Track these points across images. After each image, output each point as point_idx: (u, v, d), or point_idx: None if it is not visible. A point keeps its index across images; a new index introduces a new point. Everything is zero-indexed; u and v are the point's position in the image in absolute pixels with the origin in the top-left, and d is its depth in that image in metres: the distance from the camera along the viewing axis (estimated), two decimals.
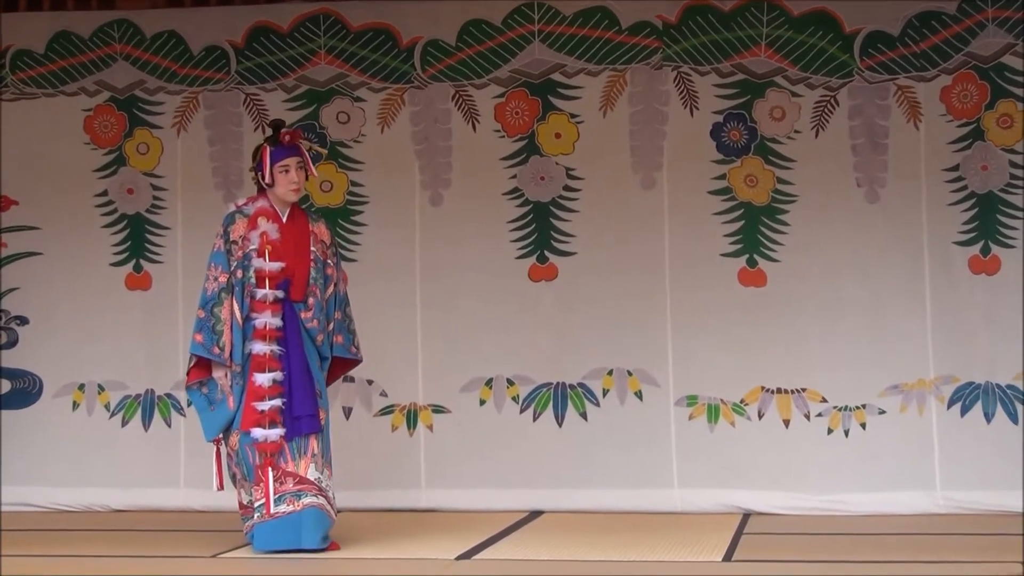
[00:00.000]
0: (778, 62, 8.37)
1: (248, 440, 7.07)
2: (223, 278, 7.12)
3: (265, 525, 7.05)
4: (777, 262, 8.38)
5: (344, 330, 7.35)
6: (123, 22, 8.83)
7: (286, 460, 7.08)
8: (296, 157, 7.23)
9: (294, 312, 7.18)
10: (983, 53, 8.23)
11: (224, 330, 7.07)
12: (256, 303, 7.12)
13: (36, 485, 8.75)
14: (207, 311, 7.11)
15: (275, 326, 7.11)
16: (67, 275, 8.91)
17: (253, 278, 7.12)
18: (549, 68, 8.55)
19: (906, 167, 8.28)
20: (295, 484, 7.07)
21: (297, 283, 7.19)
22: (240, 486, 7.20)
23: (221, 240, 7.18)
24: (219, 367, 7.12)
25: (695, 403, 8.41)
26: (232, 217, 7.23)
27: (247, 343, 7.10)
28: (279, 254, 7.16)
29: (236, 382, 7.10)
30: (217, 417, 7.14)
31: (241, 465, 7.14)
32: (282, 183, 7.21)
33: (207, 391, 7.17)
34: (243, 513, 7.24)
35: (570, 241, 8.55)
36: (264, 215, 7.21)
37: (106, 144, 8.93)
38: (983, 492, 8.10)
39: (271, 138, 7.26)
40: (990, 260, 8.23)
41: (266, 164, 7.20)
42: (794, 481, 8.25)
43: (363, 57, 8.68)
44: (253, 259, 7.13)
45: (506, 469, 8.47)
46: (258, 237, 7.15)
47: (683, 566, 6.80)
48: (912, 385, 8.26)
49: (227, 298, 7.10)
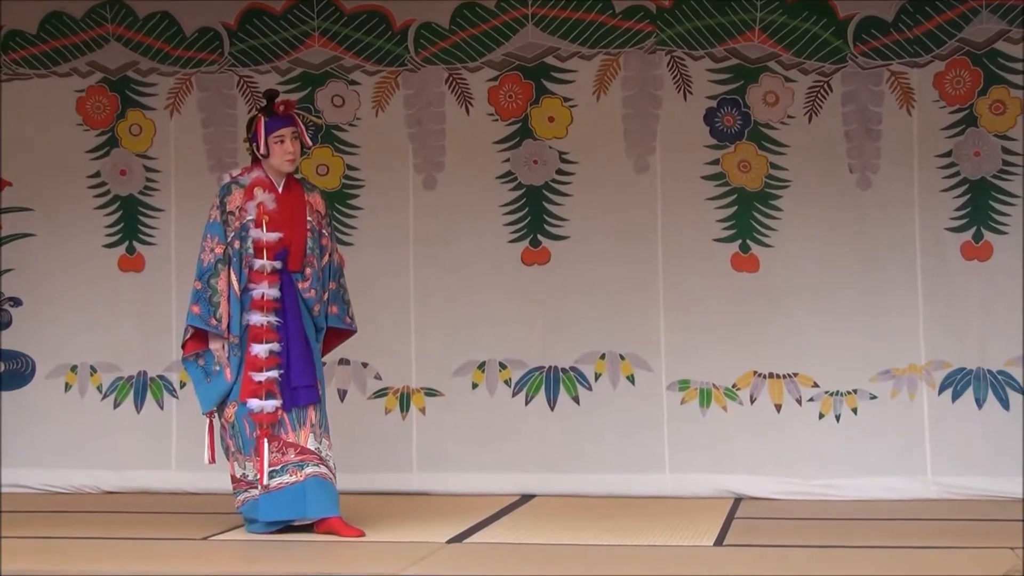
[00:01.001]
0: (772, 47, 8.37)
1: (245, 412, 7.05)
2: (219, 249, 7.08)
3: (268, 496, 7.04)
4: (770, 247, 8.39)
5: (339, 300, 7.33)
6: (115, 3, 8.82)
7: (286, 431, 7.07)
8: (291, 127, 7.17)
9: (292, 282, 7.15)
10: (976, 39, 8.23)
11: (221, 301, 7.03)
12: (254, 274, 7.08)
13: (28, 467, 8.75)
14: (204, 282, 7.07)
15: (273, 297, 7.08)
16: (60, 257, 8.90)
17: (251, 249, 7.08)
18: (543, 52, 8.55)
19: (899, 153, 8.29)
20: (296, 455, 7.06)
21: (294, 253, 7.15)
22: (234, 459, 7.18)
23: (217, 211, 7.13)
24: (216, 339, 7.08)
25: (687, 387, 8.42)
26: (228, 188, 7.18)
27: (245, 314, 7.07)
28: (276, 224, 7.11)
29: (234, 353, 7.08)
30: (213, 389, 7.12)
31: (237, 437, 7.12)
32: (277, 153, 7.16)
33: (203, 363, 7.14)
34: (235, 487, 7.22)
35: (563, 225, 8.55)
36: (260, 185, 7.16)
37: (99, 125, 8.92)
38: (974, 477, 8.12)
39: (265, 108, 7.20)
40: (982, 246, 8.24)
41: (260, 134, 7.15)
42: (786, 466, 8.27)
43: (357, 40, 8.67)
44: (251, 230, 7.09)
45: (498, 453, 8.49)
46: (255, 207, 7.11)
47: (674, 550, 6.81)
48: (904, 370, 8.28)
49: (224, 269, 7.06)
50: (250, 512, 7.17)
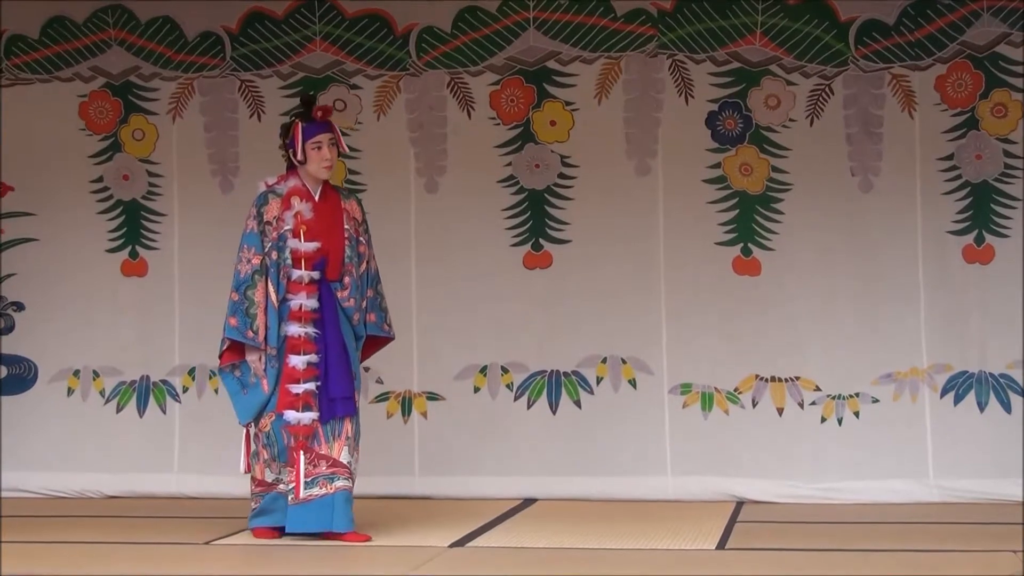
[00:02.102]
0: (773, 50, 8.37)
1: (282, 423, 6.99)
2: (256, 260, 7.01)
3: (298, 508, 6.98)
4: (771, 251, 8.39)
5: (376, 308, 7.26)
6: (117, 8, 8.82)
7: (319, 442, 7.01)
8: (328, 133, 7.08)
9: (330, 292, 7.08)
10: (978, 42, 8.23)
11: (258, 313, 6.97)
12: (292, 284, 7.01)
13: (30, 471, 8.75)
14: (240, 294, 7.01)
15: (311, 307, 7.01)
16: (63, 261, 8.91)
17: (289, 259, 7.01)
18: (544, 55, 8.55)
19: (900, 156, 8.29)
20: (328, 467, 7.01)
21: (333, 262, 7.08)
22: (266, 465, 7.09)
23: (254, 221, 7.05)
24: (253, 350, 7.01)
25: (689, 391, 8.42)
26: (264, 197, 7.09)
27: (282, 325, 7.00)
28: (314, 233, 7.03)
29: (271, 365, 7.00)
30: (251, 401, 7.06)
31: (272, 447, 7.04)
32: (314, 160, 7.06)
33: (240, 374, 7.08)
34: (260, 489, 7.13)
35: (564, 229, 8.56)
36: (297, 194, 7.08)
37: (101, 130, 8.92)
38: (976, 480, 8.11)
39: (303, 113, 7.11)
40: (984, 249, 8.24)
41: (298, 140, 7.05)
42: (788, 469, 8.27)
43: (358, 44, 8.68)
44: (288, 240, 7.01)
45: (500, 457, 8.48)
46: (292, 217, 7.03)
47: (676, 554, 6.81)
48: (905, 374, 8.27)
49: (261, 280, 6.99)
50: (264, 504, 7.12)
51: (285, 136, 7.16)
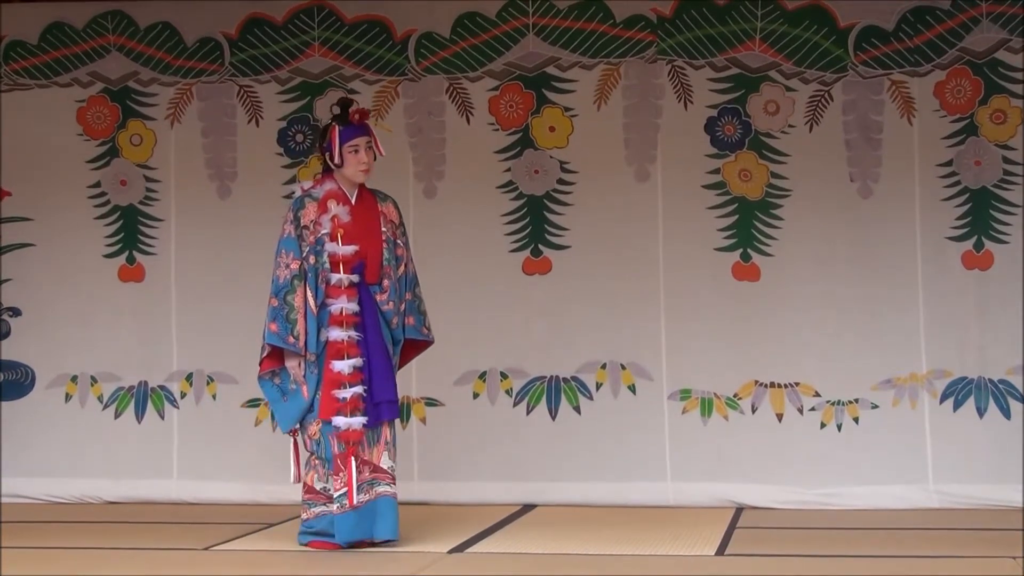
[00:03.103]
0: (772, 56, 8.37)
1: (330, 429, 6.89)
2: (295, 264, 6.93)
3: (348, 516, 6.89)
4: (771, 256, 8.39)
5: (415, 311, 7.18)
6: (116, 13, 8.82)
7: (364, 448, 6.95)
8: (365, 137, 7.01)
9: (369, 296, 7.01)
10: (977, 48, 8.23)
11: (298, 318, 6.88)
12: (331, 288, 6.93)
13: (28, 476, 8.74)
14: (280, 299, 6.91)
15: (352, 311, 6.93)
16: (60, 266, 8.90)
17: (327, 263, 6.94)
18: (543, 61, 8.55)
19: (900, 162, 8.29)
20: (371, 473, 6.95)
21: (371, 266, 7.01)
22: (314, 471, 7.00)
23: (291, 226, 6.97)
24: (292, 356, 6.92)
25: (688, 397, 8.41)
26: (301, 201, 7.01)
27: (322, 330, 6.92)
28: (351, 237, 6.96)
29: (311, 371, 6.92)
30: (291, 408, 6.97)
31: (321, 454, 6.95)
32: (351, 163, 6.99)
33: (279, 381, 6.99)
34: (310, 498, 7.02)
35: (564, 235, 8.55)
36: (334, 198, 7.01)
37: (99, 135, 8.92)
38: (975, 486, 8.12)
39: (340, 117, 7.04)
40: (983, 255, 8.24)
41: (335, 144, 6.97)
42: (787, 475, 8.27)
43: (357, 49, 8.68)
44: (326, 243, 6.94)
45: (499, 462, 8.48)
46: (329, 221, 6.96)
47: (676, 560, 6.81)
48: (905, 379, 8.28)
49: (300, 285, 6.91)
50: (321, 526, 7.00)
51: (322, 140, 7.09)
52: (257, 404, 8.70)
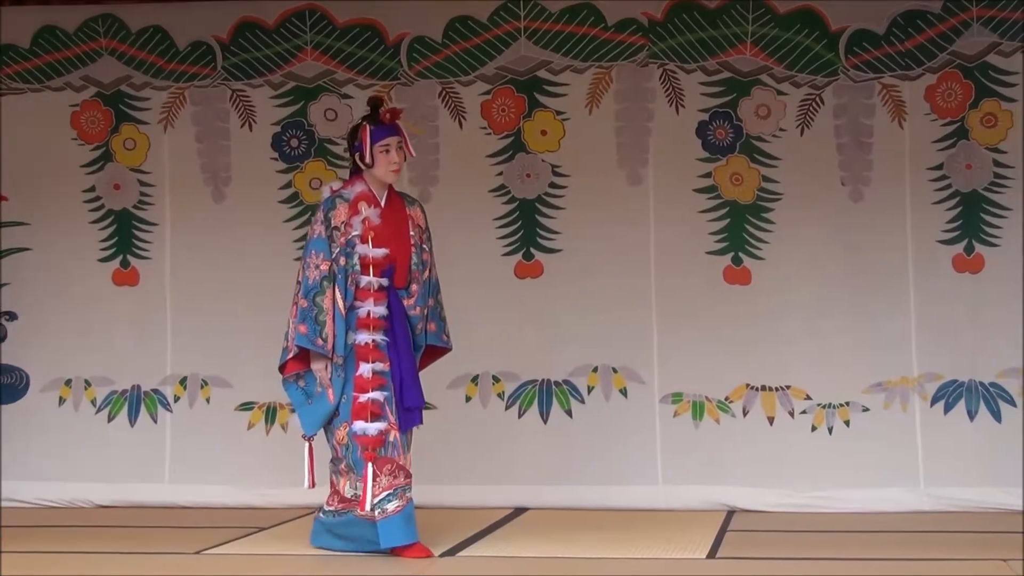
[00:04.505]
0: (763, 60, 8.38)
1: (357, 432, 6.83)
2: (325, 266, 6.80)
3: (387, 522, 6.79)
4: (762, 260, 8.40)
5: (436, 317, 7.09)
6: (108, 17, 8.83)
7: (399, 453, 6.83)
8: (396, 136, 6.92)
9: (397, 300, 6.92)
10: (968, 52, 8.25)
11: (327, 320, 6.75)
12: (360, 291, 6.82)
13: (21, 480, 8.74)
14: (309, 300, 6.77)
15: (380, 315, 6.83)
16: (55, 271, 8.90)
17: (357, 265, 6.83)
18: (535, 65, 8.56)
19: (890, 166, 8.30)
20: (405, 478, 6.85)
21: (399, 270, 6.91)
22: (347, 478, 6.90)
23: (321, 226, 6.85)
24: (319, 359, 6.81)
25: (680, 400, 8.42)
26: (332, 202, 6.89)
27: (350, 333, 6.81)
28: (381, 240, 6.86)
29: (337, 374, 6.81)
30: (316, 411, 6.86)
31: (350, 458, 6.85)
32: (382, 163, 6.90)
33: (304, 384, 6.88)
34: (339, 506, 6.92)
35: (556, 238, 8.56)
36: (364, 199, 6.90)
37: (93, 140, 8.92)
38: (966, 489, 8.13)
39: (370, 116, 6.94)
40: (974, 259, 8.25)
41: (366, 144, 6.88)
42: (778, 478, 8.27)
43: (350, 54, 8.69)
44: (357, 245, 6.83)
45: (491, 466, 8.48)
46: (360, 223, 6.86)
47: (667, 563, 6.82)
48: (896, 383, 8.28)
49: (329, 287, 6.78)
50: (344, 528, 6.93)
51: (352, 139, 7.01)
52: (250, 408, 8.71)
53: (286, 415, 8.65)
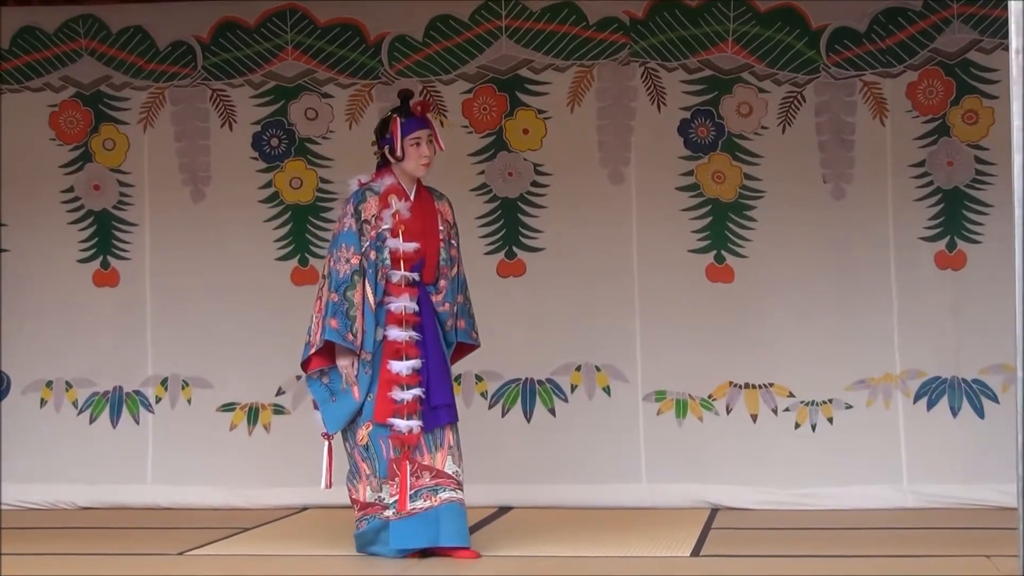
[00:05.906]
0: (745, 58, 8.39)
1: (383, 432, 6.64)
2: (355, 260, 6.64)
3: (402, 523, 6.65)
4: (744, 258, 8.41)
5: (466, 314, 6.98)
6: (88, 17, 8.80)
7: (421, 453, 6.67)
8: (427, 129, 6.77)
9: (426, 296, 6.79)
10: (949, 49, 8.26)
11: (357, 315, 6.58)
12: (391, 286, 6.67)
13: (3, 482, 8.70)
14: (340, 294, 6.60)
15: (412, 310, 6.67)
16: (34, 272, 8.87)
17: (387, 259, 6.69)
18: (516, 64, 8.56)
19: (872, 163, 8.31)
20: (432, 478, 6.69)
21: (429, 265, 6.78)
22: (367, 482, 6.75)
23: (351, 219, 6.68)
24: (345, 355, 6.64)
25: (663, 398, 8.43)
26: (362, 194, 6.73)
27: (379, 328, 6.65)
28: (411, 234, 6.71)
29: (364, 371, 6.65)
30: (341, 409, 6.69)
31: (373, 460, 6.70)
32: (413, 156, 6.75)
33: (328, 381, 6.70)
34: (364, 512, 6.78)
35: (538, 237, 8.56)
36: (394, 192, 6.75)
37: (72, 140, 8.89)
38: (950, 485, 8.14)
39: (401, 109, 6.79)
40: (956, 255, 8.27)
41: (397, 136, 6.72)
42: (762, 476, 8.28)
43: (331, 53, 8.67)
44: (387, 239, 6.67)
45: (474, 465, 8.36)
46: (391, 216, 6.70)
47: (651, 561, 6.82)
48: (878, 380, 8.30)
49: (359, 281, 6.62)
50: (374, 534, 6.79)
51: (382, 132, 6.88)
52: (232, 408, 8.69)
53: (268, 416, 8.64)
